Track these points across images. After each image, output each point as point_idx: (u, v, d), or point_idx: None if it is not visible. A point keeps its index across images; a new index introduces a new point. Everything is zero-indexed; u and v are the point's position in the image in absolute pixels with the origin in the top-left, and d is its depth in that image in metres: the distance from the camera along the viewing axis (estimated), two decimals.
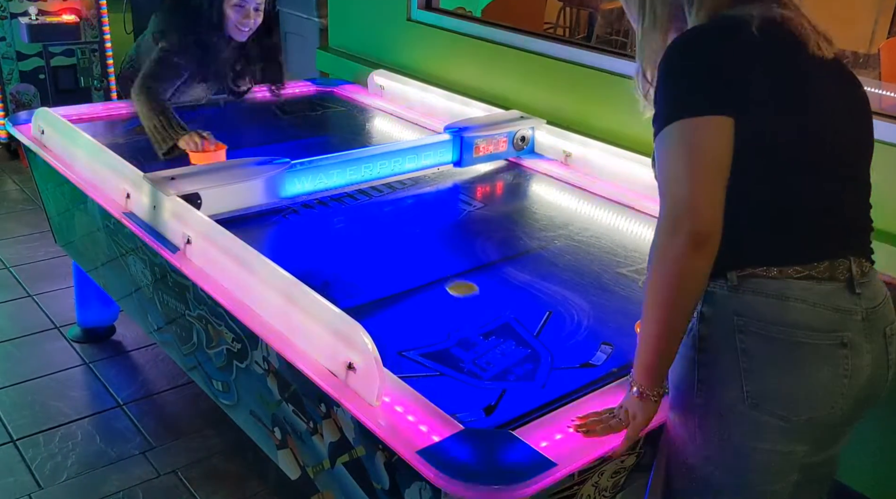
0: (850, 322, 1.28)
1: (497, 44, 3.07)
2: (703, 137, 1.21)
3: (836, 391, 1.29)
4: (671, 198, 1.22)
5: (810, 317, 1.26)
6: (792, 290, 1.27)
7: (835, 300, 1.28)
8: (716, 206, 1.20)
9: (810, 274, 1.27)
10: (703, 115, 1.21)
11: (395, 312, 1.83)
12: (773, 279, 1.27)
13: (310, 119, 3.14)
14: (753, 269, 1.28)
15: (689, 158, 1.22)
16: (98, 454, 2.43)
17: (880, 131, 1.94)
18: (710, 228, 1.20)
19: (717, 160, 1.21)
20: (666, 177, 1.24)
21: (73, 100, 4.17)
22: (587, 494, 1.40)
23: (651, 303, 1.26)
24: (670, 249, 1.21)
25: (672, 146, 1.23)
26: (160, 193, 2.02)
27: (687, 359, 1.34)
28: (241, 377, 1.85)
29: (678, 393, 1.38)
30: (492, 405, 1.49)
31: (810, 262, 1.27)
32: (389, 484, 1.42)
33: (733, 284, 1.28)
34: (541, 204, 2.50)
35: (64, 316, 3.11)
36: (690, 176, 1.21)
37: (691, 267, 1.21)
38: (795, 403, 1.29)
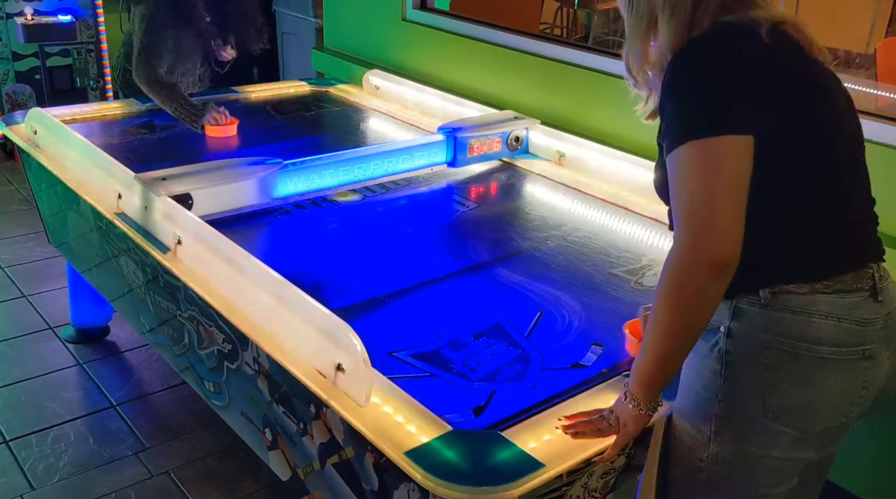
0: (871, 333, 1.28)
1: (492, 44, 3.07)
2: (724, 158, 1.17)
3: (853, 402, 1.30)
4: (691, 223, 1.18)
5: (836, 333, 1.26)
6: (817, 305, 1.25)
7: (858, 312, 1.27)
8: (737, 232, 1.17)
9: (838, 288, 1.26)
10: (722, 135, 1.17)
11: (386, 312, 1.83)
12: (803, 296, 1.26)
13: (304, 119, 3.13)
14: (786, 285, 1.26)
15: (709, 180, 1.17)
16: (91, 455, 2.43)
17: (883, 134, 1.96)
18: (732, 255, 1.17)
19: (738, 182, 1.17)
20: (683, 200, 1.19)
21: (69, 100, 4.17)
22: (576, 495, 1.40)
23: (662, 323, 1.24)
24: (690, 275, 1.18)
25: (689, 167, 1.18)
26: (151, 193, 2.02)
27: (710, 371, 1.33)
28: (232, 378, 1.85)
29: (696, 402, 1.37)
30: (481, 406, 1.49)
31: (838, 275, 1.26)
32: (378, 485, 1.42)
33: (766, 300, 1.27)
34: (534, 204, 2.49)
35: (58, 316, 3.11)
36: (711, 201, 1.16)
37: (709, 293, 1.20)
38: (814, 415, 1.29)
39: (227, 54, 3.11)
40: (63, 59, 4.63)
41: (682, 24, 1.28)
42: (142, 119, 2.99)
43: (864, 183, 1.34)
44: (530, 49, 2.96)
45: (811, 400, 1.28)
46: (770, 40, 1.21)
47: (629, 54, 1.37)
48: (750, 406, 1.30)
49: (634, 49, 1.36)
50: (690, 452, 1.40)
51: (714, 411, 1.34)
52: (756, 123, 1.18)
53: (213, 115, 2.82)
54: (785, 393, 1.28)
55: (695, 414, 1.37)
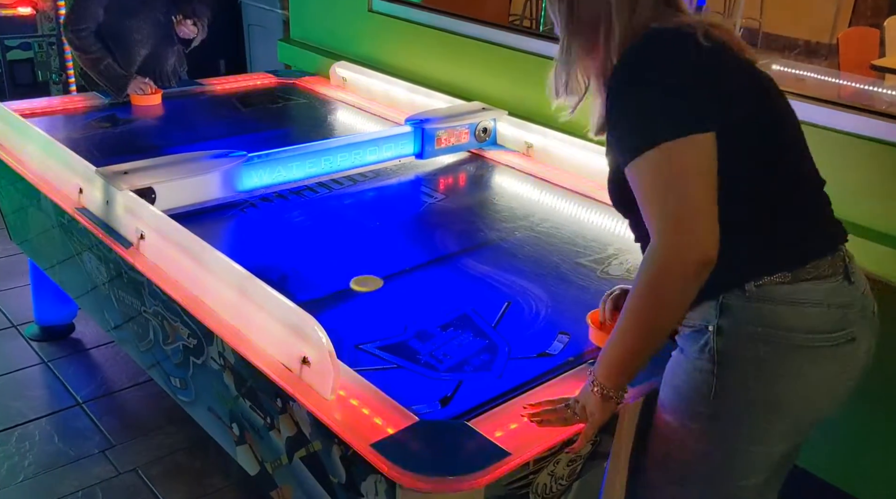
0: (852, 315, 1.30)
1: (459, 35, 3.06)
2: (688, 158, 1.17)
3: (840, 387, 1.33)
4: (669, 225, 1.18)
5: (825, 320, 1.28)
6: (804, 293, 1.27)
7: (839, 296, 1.29)
8: (715, 228, 1.18)
9: (818, 274, 1.28)
10: (683, 136, 1.17)
11: (353, 305, 1.82)
12: (788, 284, 1.27)
13: (271, 111, 3.11)
14: (770, 277, 1.27)
15: (678, 182, 1.17)
16: (56, 454, 2.39)
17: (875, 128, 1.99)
18: (713, 253, 1.17)
19: (706, 179, 1.17)
20: (657, 205, 1.19)
21: (30, 94, 4.07)
22: (543, 482, 1.40)
23: (640, 320, 1.24)
24: (674, 276, 1.19)
25: (656, 173, 1.19)
26: (113, 187, 1.99)
27: (700, 371, 1.33)
28: (198, 374, 1.83)
29: (683, 400, 1.37)
30: (448, 397, 1.49)
31: (815, 259, 1.28)
32: (346, 478, 1.41)
33: (752, 293, 1.27)
34: (502, 195, 2.49)
35: (21, 314, 3.06)
36: (685, 201, 1.17)
37: (690, 292, 1.21)
38: (806, 405, 1.32)
39: (188, 30, 3.12)
40: (24, 52, 4.54)
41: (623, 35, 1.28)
42: (104, 113, 2.95)
43: (815, 167, 1.37)
44: (499, 40, 2.95)
45: (805, 390, 1.30)
46: (707, 42, 1.21)
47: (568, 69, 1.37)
48: (744, 402, 1.31)
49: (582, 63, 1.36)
50: (671, 445, 1.41)
51: (705, 409, 1.34)
52: (712, 120, 1.19)
53: (139, 85, 3.01)
54: (781, 386, 1.29)
55: (682, 411, 1.37)
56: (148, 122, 2.90)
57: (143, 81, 3.03)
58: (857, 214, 2.01)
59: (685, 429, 1.37)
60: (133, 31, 3.03)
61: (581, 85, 1.39)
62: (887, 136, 1.98)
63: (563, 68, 1.37)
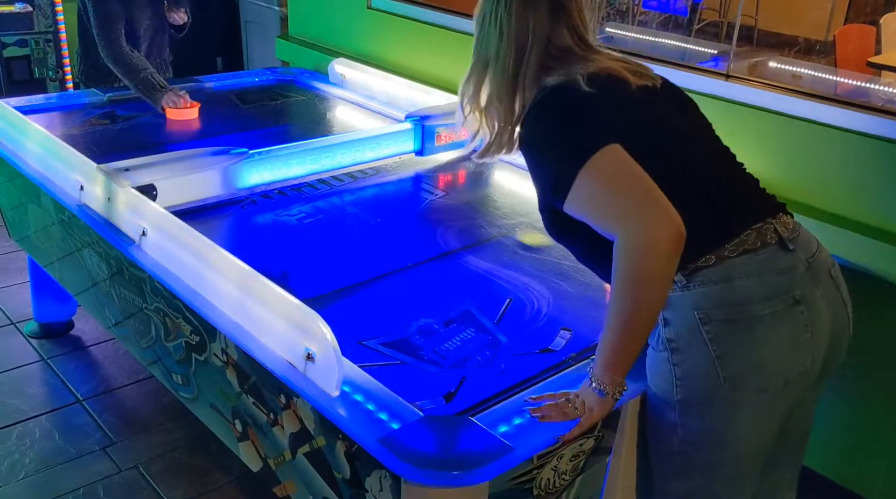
0: (795, 278, 1.35)
1: (458, 32, 3.06)
2: (615, 161, 1.28)
3: (802, 347, 1.36)
4: (634, 214, 1.25)
5: (760, 289, 1.33)
6: (734, 269, 1.33)
7: (775, 263, 1.34)
8: (669, 204, 1.24)
9: (745, 248, 1.33)
10: (598, 150, 1.28)
11: (355, 301, 1.82)
12: (715, 266, 1.33)
13: (270, 108, 3.10)
14: (695, 263, 1.33)
15: (624, 178, 1.27)
16: (57, 451, 2.39)
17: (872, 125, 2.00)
18: (681, 226, 1.23)
19: (639, 171, 1.26)
20: (613, 204, 1.27)
21: (27, 91, 4.06)
22: (547, 477, 1.41)
23: (625, 311, 1.28)
24: (652, 258, 1.23)
25: (600, 182, 1.28)
26: (114, 184, 1.99)
27: (661, 361, 1.39)
28: (201, 370, 1.83)
29: (657, 391, 1.43)
30: (451, 392, 1.49)
31: (738, 235, 1.34)
32: (350, 473, 1.42)
33: (683, 283, 1.34)
34: (502, 192, 2.50)
35: (20, 312, 3.05)
36: (639, 189, 1.25)
37: (670, 271, 1.26)
38: (770, 372, 1.35)
39: (178, 17, 3.13)
40: (20, 49, 4.53)
41: (506, 79, 1.42)
42: (103, 109, 2.94)
43: (723, 154, 1.46)
44: None
45: (761, 358, 1.34)
46: (589, 87, 1.35)
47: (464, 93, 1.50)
48: (706, 382, 1.36)
49: (468, 89, 1.48)
50: (662, 439, 1.45)
51: (674, 396, 1.39)
52: (612, 136, 1.30)
53: (172, 97, 2.82)
54: (735, 360, 1.33)
55: (660, 403, 1.43)
56: (147, 119, 2.89)
57: (176, 93, 2.84)
58: (854, 210, 2.03)
59: (668, 420, 1.42)
60: (136, 24, 3.02)
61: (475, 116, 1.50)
62: (886, 132, 1.99)
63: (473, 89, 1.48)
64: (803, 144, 2.12)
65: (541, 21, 1.41)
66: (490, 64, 1.44)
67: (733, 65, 2.39)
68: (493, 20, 1.42)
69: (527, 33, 1.40)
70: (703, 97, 2.27)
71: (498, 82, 1.43)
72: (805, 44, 5.25)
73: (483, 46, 1.45)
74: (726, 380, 1.34)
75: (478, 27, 1.47)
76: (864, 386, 2.09)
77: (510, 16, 1.40)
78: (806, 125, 2.11)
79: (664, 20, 5.40)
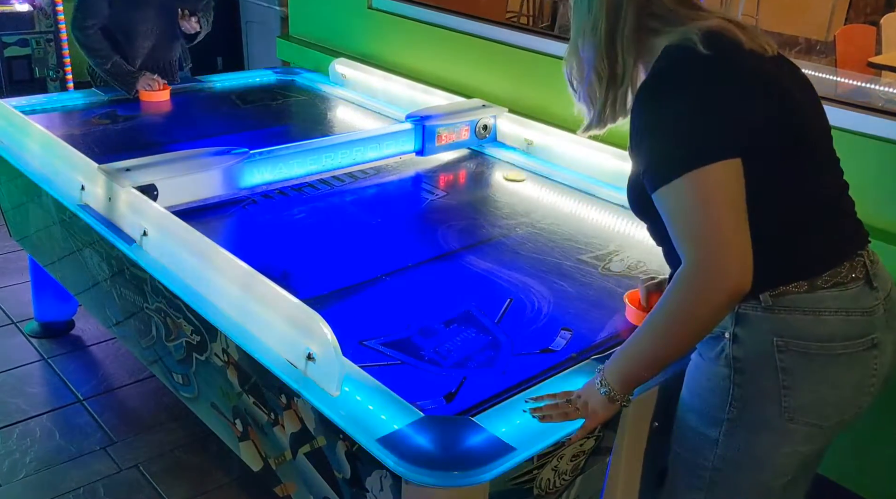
0: (875, 321, 1.30)
1: (459, 32, 3.07)
2: (718, 184, 1.17)
3: (865, 391, 1.33)
4: (700, 256, 1.18)
5: (846, 327, 1.28)
6: (824, 302, 1.27)
7: (860, 303, 1.29)
8: (748, 257, 1.17)
9: (837, 281, 1.28)
10: (713, 162, 1.17)
11: (356, 301, 1.83)
12: (806, 294, 1.27)
13: (270, 108, 3.11)
14: (785, 286, 1.28)
15: (710, 208, 1.17)
16: (57, 450, 2.40)
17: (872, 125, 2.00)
18: (746, 282, 1.18)
19: (738, 205, 1.18)
20: (690, 232, 1.19)
21: (28, 91, 4.08)
22: (547, 477, 1.41)
23: (665, 336, 1.25)
24: (707, 302, 1.19)
25: (688, 200, 1.18)
26: (115, 184, 1.99)
27: (719, 376, 1.35)
28: (201, 370, 1.83)
29: (704, 405, 1.38)
30: (452, 392, 1.50)
31: (833, 267, 1.28)
32: (351, 473, 1.42)
33: (768, 304, 1.28)
34: (503, 192, 2.50)
35: (21, 311, 3.05)
36: (718, 228, 1.17)
37: (721, 316, 1.23)
38: (829, 411, 1.32)
39: (190, 26, 3.13)
40: (21, 49, 4.54)
41: (602, 44, 1.31)
42: (104, 109, 2.95)
43: (837, 170, 1.36)
44: (497, 37, 2.96)
45: (826, 397, 1.30)
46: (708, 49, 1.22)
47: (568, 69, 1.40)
48: (765, 409, 1.32)
49: (571, 64, 1.39)
50: (695, 452, 1.42)
51: (725, 415, 1.35)
52: (737, 145, 1.19)
53: (146, 81, 3.02)
54: (800, 394, 1.30)
55: (703, 416, 1.39)
56: (148, 118, 2.90)
57: (150, 77, 3.04)
58: None
59: (708, 435, 1.38)
60: (139, 22, 3.04)
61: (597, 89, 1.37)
62: (886, 133, 1.99)
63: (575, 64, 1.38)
64: None
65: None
66: (585, 31, 1.33)
67: None
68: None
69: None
70: None
71: (594, 49, 1.32)
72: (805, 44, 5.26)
73: (578, 14, 1.34)
74: (785, 410, 1.30)
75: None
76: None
77: None
78: None
79: None
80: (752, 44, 1.27)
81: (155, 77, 3.06)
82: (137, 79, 3.02)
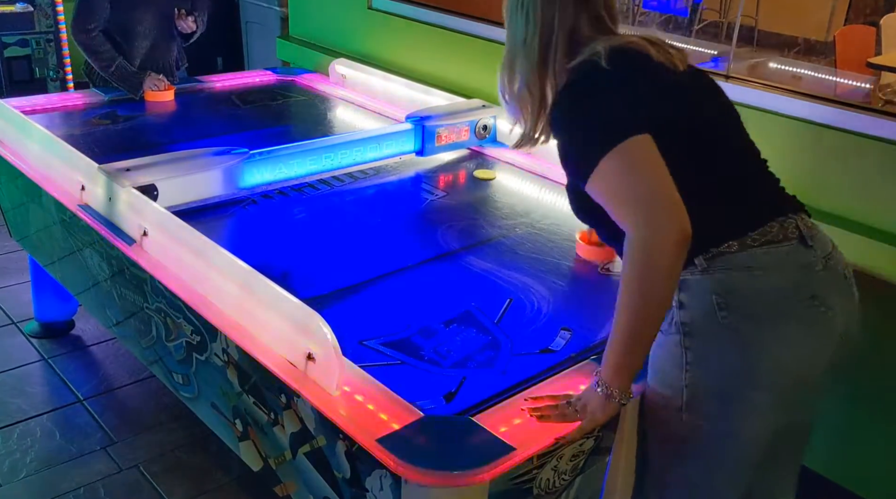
0: (813, 275, 1.35)
1: (459, 32, 3.07)
2: (640, 152, 1.28)
3: (818, 346, 1.36)
4: (645, 209, 1.25)
5: (779, 280, 1.33)
6: (757, 258, 1.33)
7: (795, 258, 1.35)
8: (682, 206, 1.25)
9: (768, 239, 1.34)
10: (627, 138, 1.28)
11: (356, 301, 1.83)
12: (738, 252, 1.34)
13: (270, 109, 3.11)
14: (717, 248, 1.34)
15: (640, 171, 1.27)
16: (58, 450, 2.40)
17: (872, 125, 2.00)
18: (688, 224, 1.24)
19: (660, 166, 1.28)
20: (626, 197, 1.28)
21: (28, 91, 4.07)
22: (546, 477, 1.41)
23: (633, 309, 1.28)
24: (659, 255, 1.24)
25: (618, 170, 1.28)
26: (115, 184, 1.99)
27: (672, 344, 1.38)
28: (201, 370, 1.84)
29: (664, 375, 1.42)
30: (452, 392, 1.50)
31: (762, 225, 1.35)
32: (350, 473, 1.42)
33: (703, 267, 1.34)
34: (502, 192, 2.50)
35: (21, 311, 3.05)
36: (652, 185, 1.26)
37: (677, 267, 1.26)
38: (783, 368, 1.35)
39: (187, 25, 3.13)
40: (21, 49, 4.53)
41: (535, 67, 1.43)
42: (104, 109, 2.95)
43: (751, 147, 1.46)
44: (497, 37, 2.95)
45: (775, 353, 1.34)
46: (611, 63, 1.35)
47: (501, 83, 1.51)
48: (718, 369, 1.35)
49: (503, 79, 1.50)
50: (664, 425, 1.44)
51: (682, 381, 1.39)
52: (645, 125, 1.30)
53: (153, 82, 3.04)
54: (748, 350, 1.33)
55: (664, 387, 1.42)
56: (148, 119, 2.90)
57: (157, 78, 3.06)
58: (853, 210, 2.03)
59: (671, 405, 1.41)
60: (136, 22, 3.05)
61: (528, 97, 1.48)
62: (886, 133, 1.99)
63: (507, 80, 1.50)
64: (803, 145, 2.13)
65: (566, 8, 1.42)
66: (518, 52, 1.45)
67: (733, 65, 2.40)
68: (519, 8, 1.44)
69: (553, 20, 1.41)
70: None
71: (527, 70, 1.45)
72: (805, 44, 5.26)
73: (512, 35, 1.47)
74: (739, 372, 1.34)
75: (507, 16, 1.48)
76: (865, 386, 2.10)
77: (536, 3, 1.42)
78: (806, 125, 2.11)
79: (664, 20, 5.40)
80: (661, 57, 1.40)
81: (160, 77, 3.07)
82: (143, 80, 3.03)
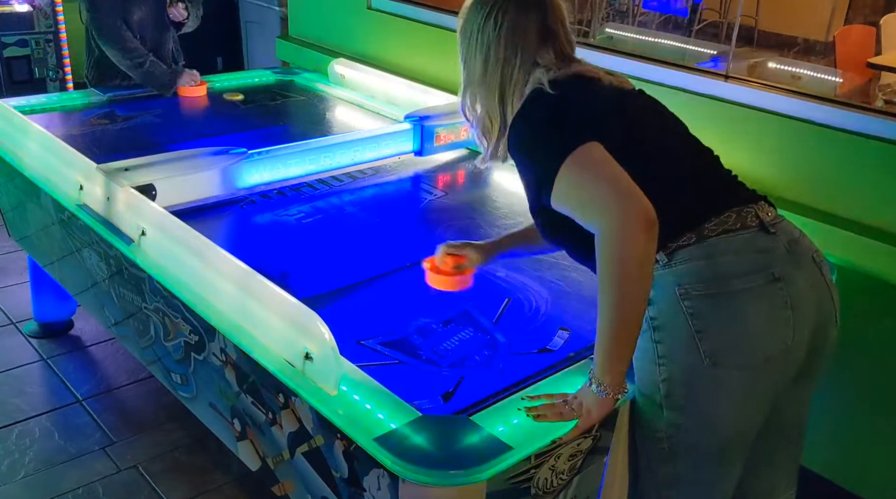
0: (775, 257, 1.38)
1: None
2: (593, 155, 1.33)
3: (783, 324, 1.37)
4: (609, 203, 1.28)
5: (738, 264, 1.36)
6: (715, 246, 1.36)
7: (755, 243, 1.37)
8: (641, 192, 1.28)
9: (725, 228, 1.37)
10: (579, 145, 1.33)
11: (354, 301, 1.83)
12: (696, 244, 1.36)
13: (269, 108, 3.11)
14: (675, 242, 1.37)
15: (598, 170, 1.32)
16: (56, 451, 2.40)
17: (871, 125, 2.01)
18: (652, 210, 1.26)
19: (615, 165, 1.32)
20: (592, 196, 1.31)
21: (27, 91, 4.07)
22: (544, 477, 1.41)
23: (614, 303, 1.29)
24: (631, 244, 1.26)
25: (578, 176, 1.33)
26: (114, 184, 1.99)
27: (645, 340, 1.40)
28: (200, 370, 1.83)
29: (643, 374, 1.44)
30: (450, 392, 1.50)
31: (717, 217, 1.37)
32: (348, 472, 1.42)
33: (665, 262, 1.37)
34: (501, 192, 2.50)
35: (20, 311, 3.05)
36: (612, 180, 1.30)
37: (650, 254, 1.29)
38: (750, 347, 1.36)
39: (178, 12, 3.15)
40: (21, 49, 4.53)
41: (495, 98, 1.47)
42: (103, 109, 2.95)
43: (701, 147, 1.50)
44: None
45: (740, 334, 1.36)
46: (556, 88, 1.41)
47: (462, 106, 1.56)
48: (687, 358, 1.37)
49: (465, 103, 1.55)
50: (649, 424, 1.46)
51: (658, 376, 1.40)
52: (591, 134, 1.35)
53: (187, 78, 3.06)
54: (715, 335, 1.35)
55: (644, 385, 1.44)
56: (146, 118, 2.90)
57: (191, 73, 3.08)
58: (852, 210, 2.03)
59: (654, 402, 1.43)
60: (132, 13, 3.02)
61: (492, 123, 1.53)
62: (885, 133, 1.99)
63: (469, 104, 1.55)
64: (802, 145, 2.13)
65: (529, 46, 1.45)
66: (477, 88, 1.49)
67: (733, 65, 2.39)
68: (479, 43, 1.46)
69: (514, 57, 1.45)
70: (702, 98, 2.28)
71: (487, 101, 1.49)
72: (805, 44, 5.26)
73: (471, 67, 1.49)
74: (706, 355, 1.36)
75: (464, 45, 1.51)
76: (863, 386, 2.10)
77: (499, 41, 1.45)
78: (805, 126, 2.11)
79: (664, 20, 5.40)
80: (610, 79, 1.48)
81: (194, 72, 3.07)
82: (178, 75, 3.03)
